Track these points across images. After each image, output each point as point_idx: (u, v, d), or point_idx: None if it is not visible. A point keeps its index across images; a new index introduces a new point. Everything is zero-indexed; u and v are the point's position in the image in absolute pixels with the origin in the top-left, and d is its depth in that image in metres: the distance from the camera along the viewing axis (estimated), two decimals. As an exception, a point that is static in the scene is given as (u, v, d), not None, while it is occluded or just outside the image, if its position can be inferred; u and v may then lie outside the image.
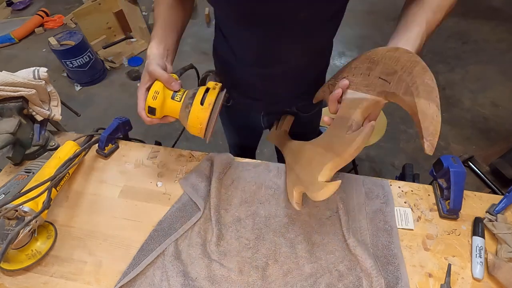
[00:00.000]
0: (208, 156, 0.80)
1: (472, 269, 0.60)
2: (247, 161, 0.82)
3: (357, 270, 0.60)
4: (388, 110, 2.07)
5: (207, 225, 0.68)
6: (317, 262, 0.62)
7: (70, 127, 1.10)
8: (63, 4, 3.38)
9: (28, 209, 0.60)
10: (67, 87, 2.46)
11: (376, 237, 0.65)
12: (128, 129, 0.89)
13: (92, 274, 0.62)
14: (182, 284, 0.58)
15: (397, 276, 0.59)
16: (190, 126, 0.59)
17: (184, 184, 0.75)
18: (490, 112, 2.07)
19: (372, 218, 0.68)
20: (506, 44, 2.56)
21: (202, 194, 0.71)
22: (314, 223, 0.67)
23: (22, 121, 0.79)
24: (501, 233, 0.62)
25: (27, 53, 2.82)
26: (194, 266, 0.62)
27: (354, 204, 0.70)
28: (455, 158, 0.68)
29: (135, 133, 0.91)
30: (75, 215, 0.71)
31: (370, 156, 1.88)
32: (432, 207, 0.70)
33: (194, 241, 0.65)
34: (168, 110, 0.60)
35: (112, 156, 0.83)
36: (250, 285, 0.60)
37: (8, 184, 0.71)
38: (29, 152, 0.81)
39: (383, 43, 0.51)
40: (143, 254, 0.63)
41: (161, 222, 0.68)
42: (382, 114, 1.39)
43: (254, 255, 0.64)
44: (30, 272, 0.62)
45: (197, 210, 0.70)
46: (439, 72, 2.38)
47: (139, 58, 2.64)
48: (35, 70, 0.81)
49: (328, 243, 0.64)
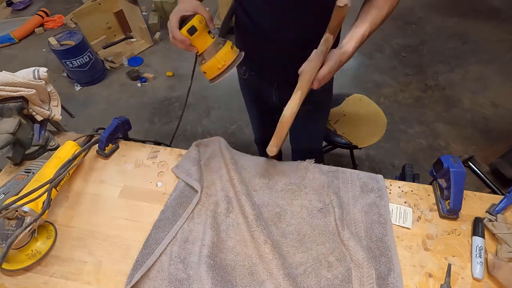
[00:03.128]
0: (196, 143, 0.84)
1: (472, 269, 0.60)
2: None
3: (347, 261, 0.61)
4: (388, 110, 2.07)
5: (211, 201, 0.72)
6: (307, 252, 0.64)
7: (70, 127, 1.10)
8: (63, 4, 3.38)
9: (28, 209, 0.60)
10: (67, 87, 2.46)
11: (371, 229, 0.66)
12: (127, 128, 0.89)
13: (92, 274, 0.62)
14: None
15: (389, 267, 0.60)
16: (214, 62, 0.66)
17: (177, 171, 0.78)
18: (490, 112, 2.07)
19: (367, 211, 0.69)
20: (506, 44, 2.56)
21: (196, 177, 0.74)
22: (306, 215, 0.69)
23: (22, 121, 0.79)
24: (501, 233, 0.62)
25: (27, 53, 2.82)
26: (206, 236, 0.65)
27: (349, 197, 0.72)
28: (455, 158, 0.68)
29: (135, 133, 0.91)
30: (75, 215, 0.71)
31: (370, 156, 1.88)
32: (432, 207, 0.70)
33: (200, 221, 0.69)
34: (201, 39, 0.66)
35: (112, 156, 0.83)
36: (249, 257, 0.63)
37: (8, 184, 0.71)
38: (29, 152, 0.81)
39: (382, 42, 0.51)
40: (154, 243, 0.65)
41: (164, 212, 0.70)
42: (382, 114, 1.39)
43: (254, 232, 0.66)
44: (30, 272, 0.62)
45: (195, 192, 0.73)
46: (439, 72, 2.38)
47: (139, 58, 2.64)
48: (35, 70, 0.81)
49: (319, 235, 0.66)
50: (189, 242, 0.65)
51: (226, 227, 0.68)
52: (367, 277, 0.58)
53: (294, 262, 0.63)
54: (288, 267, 0.61)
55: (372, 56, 2.54)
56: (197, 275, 0.59)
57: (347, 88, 2.28)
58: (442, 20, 2.86)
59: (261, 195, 0.73)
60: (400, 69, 2.43)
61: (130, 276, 0.59)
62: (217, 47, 0.67)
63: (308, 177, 0.75)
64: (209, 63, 0.67)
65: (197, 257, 0.62)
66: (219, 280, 0.58)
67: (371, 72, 2.42)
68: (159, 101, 2.29)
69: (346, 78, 2.38)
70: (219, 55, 0.66)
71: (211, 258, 0.61)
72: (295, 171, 0.76)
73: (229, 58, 0.67)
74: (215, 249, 0.63)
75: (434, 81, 2.32)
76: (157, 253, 0.63)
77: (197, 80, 0.75)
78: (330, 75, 0.66)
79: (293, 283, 0.58)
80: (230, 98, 2.20)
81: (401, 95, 2.23)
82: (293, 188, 0.73)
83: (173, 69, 2.48)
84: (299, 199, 0.72)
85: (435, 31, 2.75)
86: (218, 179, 0.75)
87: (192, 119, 2.14)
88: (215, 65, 0.67)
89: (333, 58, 0.65)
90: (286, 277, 0.58)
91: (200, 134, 2.06)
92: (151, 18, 2.87)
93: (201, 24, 0.64)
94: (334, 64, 0.65)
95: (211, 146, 0.83)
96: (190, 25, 0.63)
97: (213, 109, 2.20)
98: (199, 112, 2.19)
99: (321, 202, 0.71)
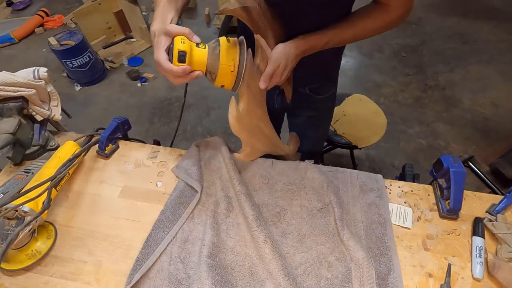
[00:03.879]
0: (196, 143, 0.83)
1: (472, 269, 0.60)
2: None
3: (347, 261, 0.61)
4: (388, 110, 2.07)
5: (211, 201, 0.72)
6: (307, 252, 0.64)
7: (70, 127, 1.10)
8: (63, 4, 3.38)
9: (28, 209, 0.60)
10: (67, 87, 2.46)
11: (370, 229, 0.66)
12: (127, 128, 0.89)
13: (92, 274, 0.62)
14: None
15: (389, 267, 0.60)
16: (224, 68, 0.58)
17: (177, 171, 0.78)
18: (490, 112, 2.07)
19: (367, 211, 0.69)
20: (506, 44, 2.56)
21: (196, 177, 0.74)
22: (305, 215, 0.69)
23: (22, 121, 0.79)
24: (501, 233, 0.62)
25: (27, 53, 2.82)
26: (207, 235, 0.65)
27: (348, 197, 0.72)
28: (455, 158, 0.68)
29: (135, 133, 0.91)
30: (75, 215, 0.71)
31: (370, 156, 1.88)
32: (432, 207, 0.70)
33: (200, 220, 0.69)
34: (196, 58, 0.57)
35: (112, 156, 0.83)
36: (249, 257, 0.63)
37: (7, 184, 0.71)
38: (29, 152, 0.81)
39: (382, 42, 0.51)
40: (154, 243, 0.64)
41: (164, 212, 0.70)
42: (382, 114, 1.39)
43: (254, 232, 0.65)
44: (30, 272, 0.62)
45: (195, 192, 0.73)
46: (439, 72, 2.38)
47: (139, 58, 2.64)
48: (35, 70, 0.81)
49: (319, 234, 0.66)
50: (189, 242, 0.65)
51: (226, 227, 0.68)
52: (367, 277, 0.58)
53: (294, 262, 0.63)
54: (288, 267, 0.61)
55: (372, 56, 2.54)
56: (197, 275, 0.59)
57: (347, 88, 2.28)
58: (442, 20, 2.86)
59: (261, 195, 0.73)
60: (400, 69, 2.43)
61: (130, 276, 0.59)
62: (215, 52, 0.58)
63: (308, 177, 0.75)
64: (220, 73, 0.59)
65: (197, 257, 0.62)
66: (219, 280, 0.58)
67: (371, 72, 2.42)
68: (159, 101, 2.30)
69: (346, 78, 2.38)
70: (222, 58, 0.58)
71: (211, 258, 0.61)
72: (294, 171, 0.76)
73: (233, 53, 0.58)
74: (215, 249, 0.63)
75: (434, 81, 2.32)
76: (157, 253, 0.63)
77: (197, 80, 0.75)
78: (280, 71, 0.62)
79: (293, 283, 0.58)
80: (230, 98, 2.20)
81: (401, 95, 2.23)
82: (292, 188, 0.73)
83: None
84: (299, 199, 0.72)
85: (435, 31, 2.75)
86: (218, 179, 0.75)
87: (192, 119, 2.14)
88: (227, 70, 0.58)
89: (275, 54, 0.61)
90: (286, 277, 0.58)
91: (200, 134, 2.06)
92: (151, 18, 2.86)
93: (183, 44, 0.55)
94: (277, 60, 0.61)
95: (211, 146, 0.83)
96: (176, 51, 0.54)
97: (213, 109, 2.20)
98: (199, 112, 2.19)
99: (320, 202, 0.71)
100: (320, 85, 0.87)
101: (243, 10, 0.58)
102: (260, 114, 0.74)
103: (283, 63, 0.62)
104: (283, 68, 0.63)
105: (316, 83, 0.85)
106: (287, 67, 0.64)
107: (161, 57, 0.55)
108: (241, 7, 0.58)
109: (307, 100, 0.90)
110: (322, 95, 0.90)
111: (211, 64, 0.58)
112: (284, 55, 0.62)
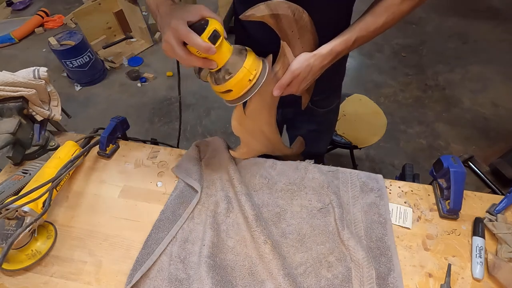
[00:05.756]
0: (196, 143, 0.83)
1: (472, 269, 0.60)
2: None
3: (347, 261, 0.61)
4: (388, 110, 2.07)
5: (211, 201, 0.72)
6: (307, 252, 0.64)
7: (70, 127, 1.10)
8: (63, 4, 3.38)
9: (28, 210, 0.60)
10: (67, 87, 2.46)
11: (371, 229, 0.66)
12: (126, 128, 0.89)
13: (92, 274, 0.62)
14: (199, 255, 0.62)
15: (389, 267, 0.60)
16: (244, 73, 0.55)
17: (177, 171, 0.78)
18: (490, 112, 2.07)
19: (367, 211, 0.69)
20: (506, 44, 2.56)
21: (196, 177, 0.74)
22: (306, 215, 0.69)
23: (22, 121, 0.79)
24: (501, 233, 0.62)
25: (27, 53, 2.82)
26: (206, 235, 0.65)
27: (349, 197, 0.72)
28: (455, 158, 0.68)
29: (135, 133, 0.91)
30: (75, 215, 0.71)
31: (370, 156, 1.88)
32: (432, 207, 0.70)
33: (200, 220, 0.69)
34: (223, 49, 0.53)
35: (112, 156, 0.83)
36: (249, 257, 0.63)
37: (4, 183, 0.71)
38: (29, 152, 0.81)
39: (382, 42, 0.51)
40: (154, 243, 0.64)
41: (163, 212, 0.70)
42: (382, 114, 1.39)
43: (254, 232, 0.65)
44: (30, 272, 0.62)
45: (195, 192, 0.73)
46: (439, 72, 2.38)
47: (139, 58, 2.64)
48: (35, 70, 0.81)
49: (319, 234, 0.66)
50: (189, 242, 0.65)
51: (226, 227, 0.68)
52: (367, 277, 0.58)
53: (294, 262, 0.63)
54: (288, 267, 0.61)
55: (372, 56, 2.54)
56: (197, 275, 0.59)
57: (347, 88, 2.26)
58: (442, 20, 2.86)
59: (261, 195, 0.73)
60: (400, 69, 2.43)
61: (130, 276, 0.59)
62: (241, 54, 0.54)
63: (308, 177, 0.75)
64: (237, 76, 0.55)
65: (197, 257, 0.62)
66: (219, 280, 0.58)
67: (371, 72, 2.42)
68: (159, 101, 2.30)
69: (346, 78, 2.36)
70: (247, 63, 0.54)
71: (211, 258, 0.61)
72: (294, 171, 0.76)
73: (258, 64, 0.55)
74: (215, 249, 0.63)
75: (434, 81, 2.32)
76: (157, 253, 0.63)
77: (197, 80, 0.75)
78: (298, 81, 0.60)
79: (293, 283, 0.58)
80: (230, 98, 2.20)
81: (401, 95, 2.23)
82: (292, 188, 0.73)
83: (173, 69, 2.48)
84: (299, 199, 0.72)
85: (435, 31, 2.75)
86: (218, 179, 0.75)
87: (192, 119, 2.14)
88: (246, 76, 0.55)
89: (296, 64, 0.58)
90: (286, 277, 0.58)
91: (200, 134, 2.06)
92: (151, 18, 2.86)
93: (220, 27, 0.50)
94: (297, 70, 0.58)
95: (211, 146, 0.83)
96: (212, 29, 0.48)
97: (213, 109, 2.20)
98: (199, 112, 2.19)
99: (320, 202, 0.71)
100: (323, 97, 0.84)
101: (272, 17, 0.54)
102: (268, 119, 0.74)
103: (303, 74, 0.59)
104: (302, 79, 0.60)
105: (318, 96, 0.81)
106: (307, 78, 0.61)
107: (182, 27, 0.47)
108: (271, 14, 0.53)
109: (309, 113, 0.86)
110: (325, 108, 0.87)
111: (232, 63, 0.54)
112: (307, 67, 0.59)
